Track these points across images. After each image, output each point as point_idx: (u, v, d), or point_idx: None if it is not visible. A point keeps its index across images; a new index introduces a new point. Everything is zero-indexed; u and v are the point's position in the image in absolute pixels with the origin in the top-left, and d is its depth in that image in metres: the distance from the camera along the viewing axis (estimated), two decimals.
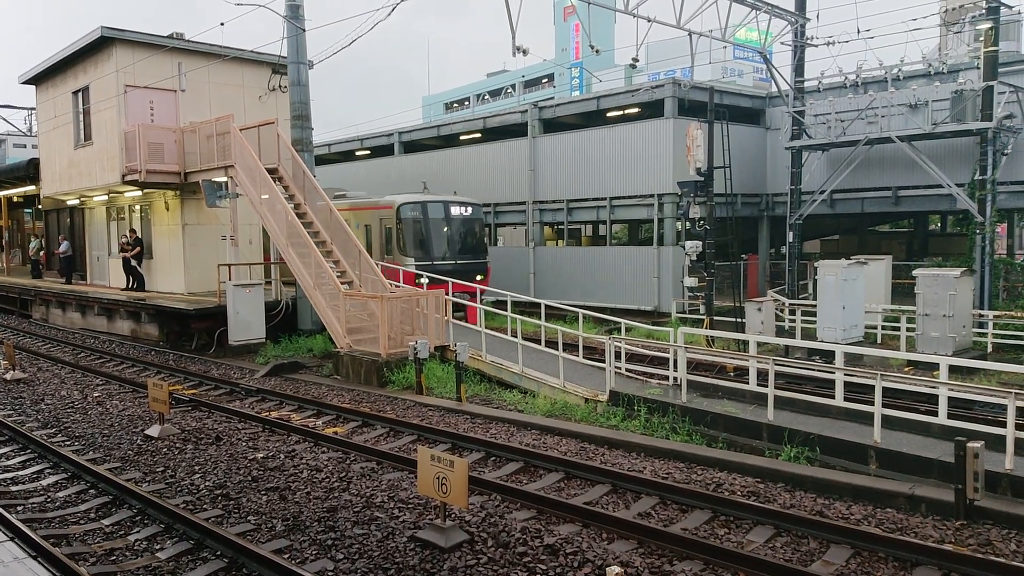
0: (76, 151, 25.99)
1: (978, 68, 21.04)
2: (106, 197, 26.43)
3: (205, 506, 8.73)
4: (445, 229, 23.23)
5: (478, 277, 22.43)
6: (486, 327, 17.10)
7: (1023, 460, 8.79)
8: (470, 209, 23.85)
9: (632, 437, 11.40)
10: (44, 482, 9.75)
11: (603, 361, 13.52)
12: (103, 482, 9.39)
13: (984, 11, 20.72)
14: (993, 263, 21.30)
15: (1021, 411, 8.85)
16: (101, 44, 23.26)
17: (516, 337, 15.20)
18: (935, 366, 11.58)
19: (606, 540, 7.77)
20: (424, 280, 19.65)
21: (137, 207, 25.62)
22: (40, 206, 32.47)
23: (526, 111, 30.31)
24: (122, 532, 8.10)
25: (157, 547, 7.64)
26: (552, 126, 29.99)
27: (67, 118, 26.30)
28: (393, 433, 12.20)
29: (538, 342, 15.87)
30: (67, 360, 19.44)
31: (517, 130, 30.65)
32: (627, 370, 13.98)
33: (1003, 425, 8.80)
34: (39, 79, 28.16)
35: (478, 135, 33.20)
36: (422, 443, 11.49)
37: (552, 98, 44.54)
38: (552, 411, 13.05)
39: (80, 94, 25.47)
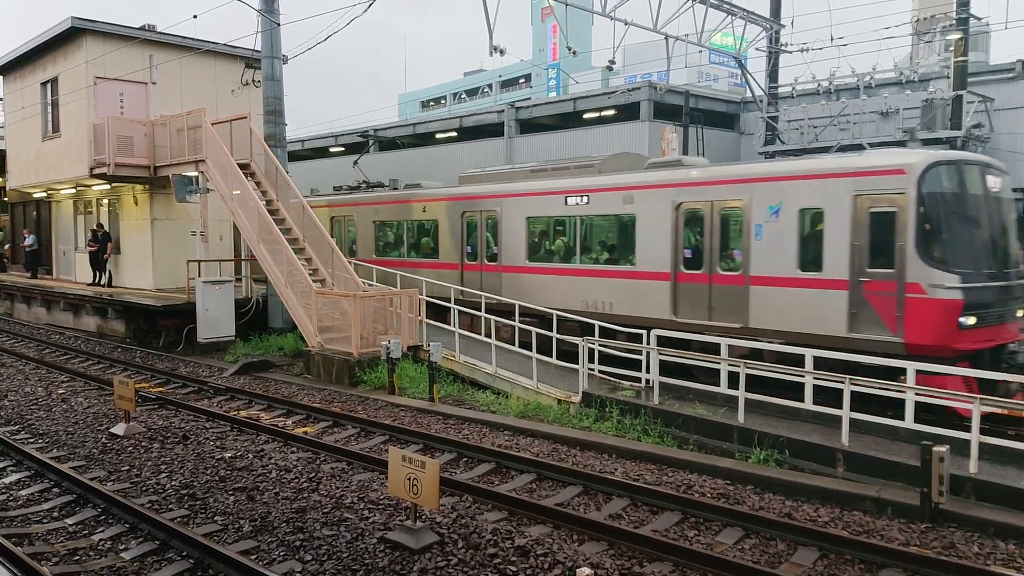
0: (44, 143, 25.54)
1: (948, 78, 21.41)
2: (74, 190, 26.00)
3: (171, 506, 8.60)
4: (991, 216, 12.65)
5: (1019, 313, 12.71)
6: None
7: (987, 464, 8.93)
8: (999, 180, 12.97)
9: (604, 439, 11.42)
10: (6, 480, 9.55)
11: (576, 362, 13.52)
12: (67, 480, 9.22)
13: (954, 22, 21.07)
14: None
15: (986, 416, 8.98)
16: (71, 35, 22.89)
17: (489, 338, 15.17)
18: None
19: (577, 541, 7.77)
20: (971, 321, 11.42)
21: (105, 201, 25.23)
22: (6, 199, 31.86)
23: (503, 111, 30.31)
24: (86, 532, 7.95)
25: (121, 547, 7.51)
26: (529, 127, 30.02)
27: (35, 109, 25.83)
28: (364, 433, 12.11)
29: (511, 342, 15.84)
30: (31, 356, 19.07)
31: (493, 130, 30.62)
32: (600, 372, 14.00)
33: (968, 430, 8.93)
34: (7, 69, 27.64)
35: (454, 134, 33.13)
36: (393, 444, 11.41)
37: (529, 99, 44.59)
38: (525, 412, 13.03)
39: (49, 85, 25.03)
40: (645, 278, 15.21)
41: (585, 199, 16.50)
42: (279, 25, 19.64)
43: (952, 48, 20.80)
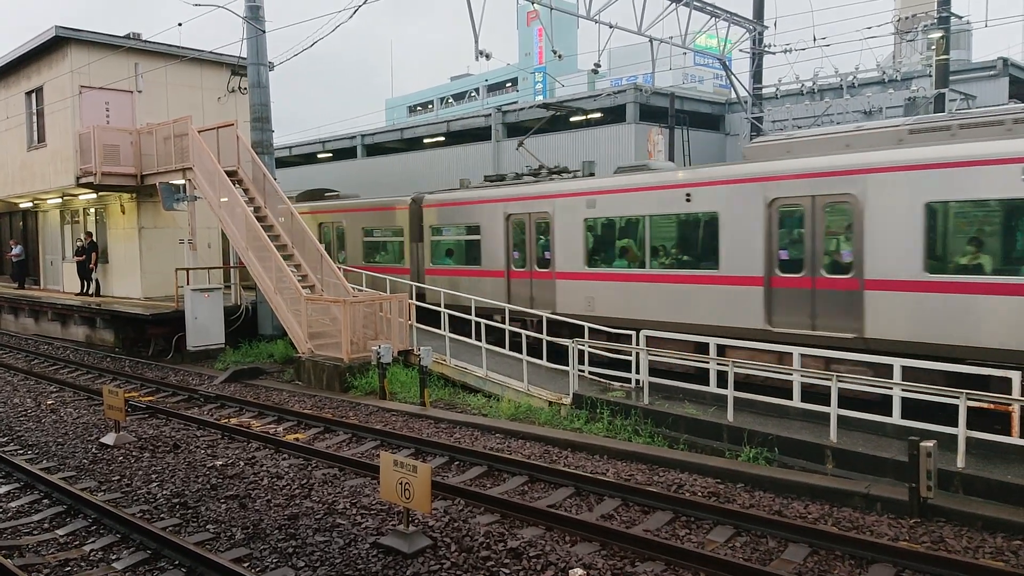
0: (29, 153, 25.41)
1: (930, 76, 21.61)
2: (60, 200, 25.88)
3: (162, 515, 8.58)
4: None
5: None
6: None
7: (975, 459, 9.02)
8: None
9: (595, 440, 11.45)
10: None
11: (566, 364, 13.56)
12: (57, 492, 9.17)
13: (936, 21, 21.26)
14: None
15: (972, 411, 9.07)
16: (55, 44, 22.79)
17: (480, 341, 15.19)
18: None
19: (569, 542, 7.80)
20: None
21: (92, 210, 25.12)
22: None
23: (490, 115, 30.39)
24: (77, 542, 7.92)
25: (113, 557, 7.49)
26: (515, 130, 30.09)
27: (20, 119, 25.69)
28: (355, 439, 12.11)
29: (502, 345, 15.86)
30: (20, 367, 18.96)
31: (481, 134, 30.71)
32: (590, 373, 14.04)
33: (955, 424, 9.01)
34: None
35: (442, 138, 33.18)
36: (385, 448, 11.41)
37: (516, 102, 44.71)
38: (516, 415, 13.06)
39: (34, 95, 24.92)
40: None
41: None
42: (264, 32, 19.63)
43: (934, 47, 21.00)
